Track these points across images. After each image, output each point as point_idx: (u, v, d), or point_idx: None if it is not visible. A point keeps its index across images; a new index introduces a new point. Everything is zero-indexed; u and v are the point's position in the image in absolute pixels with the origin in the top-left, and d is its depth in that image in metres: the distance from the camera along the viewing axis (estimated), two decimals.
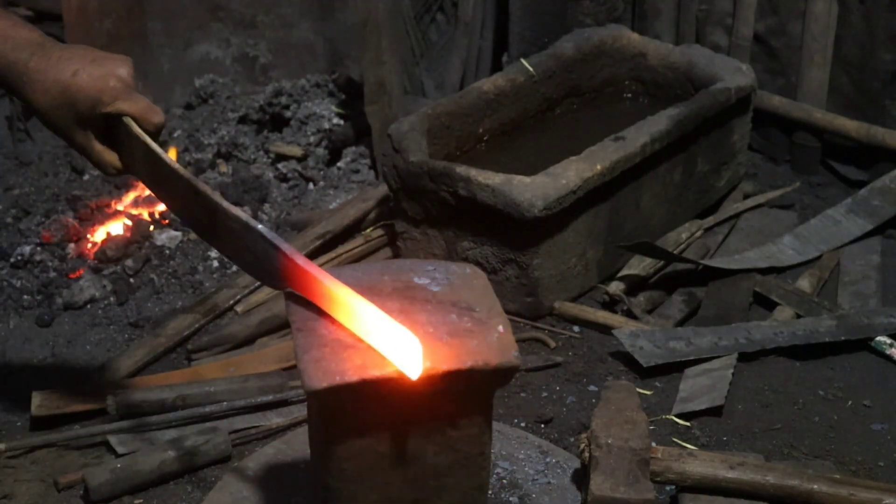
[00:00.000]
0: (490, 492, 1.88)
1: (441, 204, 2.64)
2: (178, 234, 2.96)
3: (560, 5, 3.47)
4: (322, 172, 3.30)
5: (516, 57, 3.29)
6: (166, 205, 1.95)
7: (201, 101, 3.52)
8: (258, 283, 2.71)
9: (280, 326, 2.60)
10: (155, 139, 1.82)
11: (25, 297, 2.77)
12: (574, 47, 3.13)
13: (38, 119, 1.83)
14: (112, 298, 2.76)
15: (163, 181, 1.81)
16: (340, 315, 1.59)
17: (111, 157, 1.85)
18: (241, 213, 1.70)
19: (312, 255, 2.82)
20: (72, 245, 2.92)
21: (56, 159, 3.35)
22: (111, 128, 1.83)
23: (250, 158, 3.32)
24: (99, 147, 1.84)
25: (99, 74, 1.79)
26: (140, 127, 1.81)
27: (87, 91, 1.78)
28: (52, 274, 2.83)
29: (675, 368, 2.46)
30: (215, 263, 2.89)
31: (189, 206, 1.78)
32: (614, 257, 2.78)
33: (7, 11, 1.84)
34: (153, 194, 1.90)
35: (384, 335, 1.52)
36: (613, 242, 2.75)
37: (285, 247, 1.64)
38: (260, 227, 1.66)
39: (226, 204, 1.71)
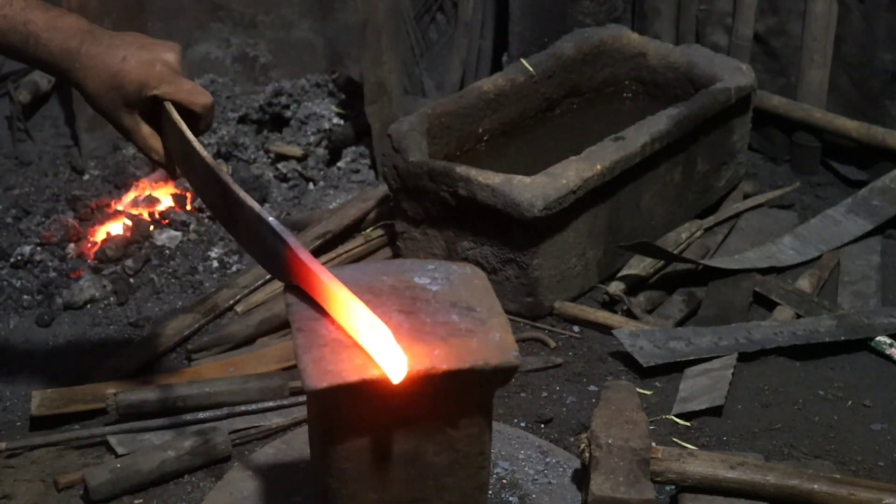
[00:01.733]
0: (490, 492, 1.88)
1: (441, 204, 2.64)
2: (178, 234, 2.96)
3: (560, 5, 3.47)
4: (322, 172, 3.30)
5: (516, 57, 3.29)
6: (196, 191, 2.01)
7: None
8: (258, 283, 2.72)
9: (280, 326, 2.60)
10: (204, 121, 1.88)
11: (25, 297, 2.77)
12: (574, 47, 3.13)
13: (89, 104, 1.89)
14: (112, 298, 2.77)
15: (193, 167, 1.85)
16: (335, 312, 1.59)
17: (156, 142, 1.91)
18: (255, 204, 1.73)
19: (312, 255, 2.82)
20: (72, 245, 2.92)
21: (56, 159, 3.35)
22: (156, 113, 1.89)
23: (250, 158, 3.32)
24: (146, 131, 1.90)
25: (147, 59, 1.85)
26: (187, 109, 1.86)
27: (135, 75, 1.84)
28: (52, 274, 2.83)
29: (675, 368, 2.46)
30: (215, 263, 2.89)
31: (212, 194, 1.83)
32: (614, 257, 2.78)
33: (47, 3, 1.89)
34: (187, 180, 1.95)
35: (372, 337, 1.52)
36: (613, 242, 2.75)
37: (291, 240, 1.66)
38: (270, 219, 1.69)
39: (242, 194, 1.75)
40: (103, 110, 1.88)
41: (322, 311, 1.63)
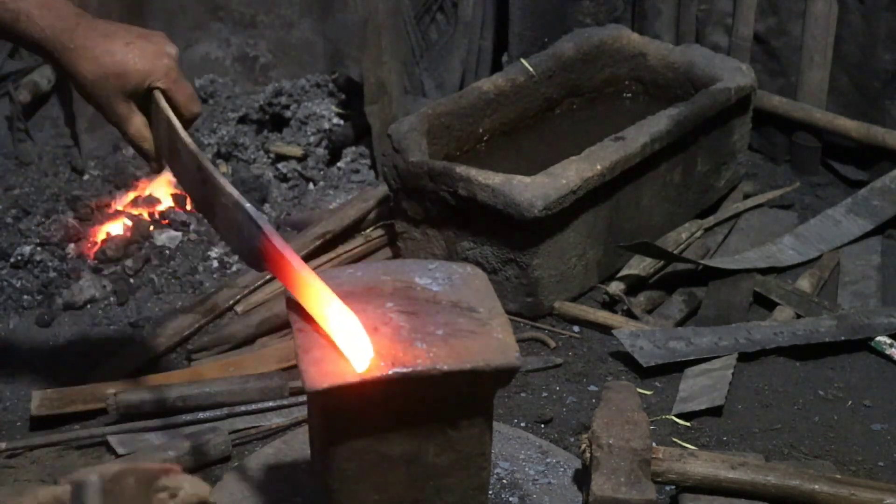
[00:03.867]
0: (490, 492, 1.88)
1: (441, 204, 2.64)
2: (178, 234, 2.96)
3: (560, 5, 3.47)
4: (322, 172, 3.30)
5: (516, 57, 3.29)
6: (177, 180, 1.99)
7: (201, 101, 3.52)
8: (258, 283, 2.72)
9: (280, 326, 2.60)
10: (186, 127, 1.87)
11: (25, 297, 2.77)
12: (574, 47, 3.13)
13: (77, 87, 1.87)
14: (112, 298, 2.76)
15: (177, 155, 1.85)
16: (305, 300, 1.59)
17: (147, 132, 1.90)
18: (234, 191, 1.72)
19: (312, 255, 2.82)
20: (72, 245, 2.92)
21: (56, 159, 3.35)
22: (147, 102, 1.88)
23: (250, 158, 3.32)
24: (139, 120, 1.88)
25: (152, 51, 1.84)
26: (177, 114, 1.86)
27: (141, 65, 1.83)
28: (52, 274, 2.83)
29: (675, 368, 2.46)
30: (215, 263, 2.89)
31: (193, 182, 1.82)
32: (614, 257, 2.78)
33: None
34: (171, 170, 1.94)
35: (340, 324, 1.53)
36: (613, 242, 2.75)
37: (266, 227, 1.65)
38: (248, 205, 1.68)
39: (222, 180, 1.74)
40: (96, 95, 1.85)
41: None
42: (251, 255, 1.70)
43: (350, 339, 1.52)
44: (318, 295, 1.57)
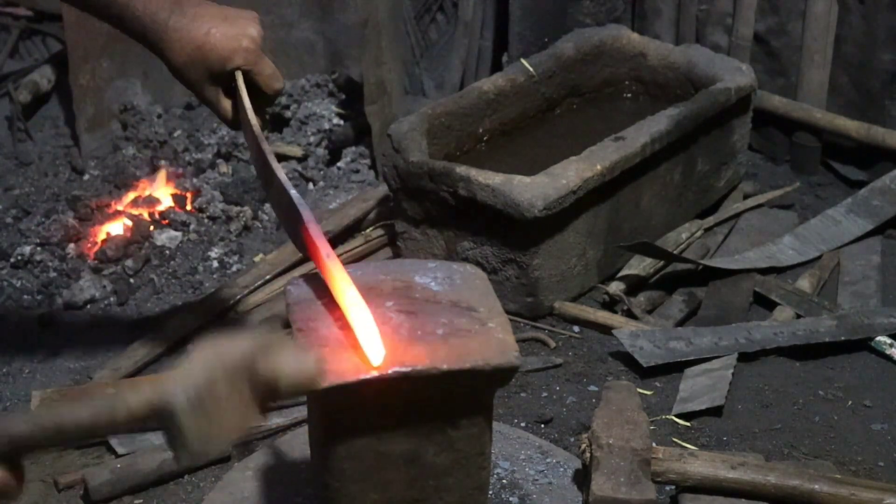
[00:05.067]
0: (490, 492, 1.88)
1: (441, 204, 2.64)
2: (178, 234, 2.96)
3: (560, 5, 3.47)
4: (322, 172, 3.30)
5: (516, 57, 3.29)
6: (249, 150, 2.09)
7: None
8: (258, 283, 2.72)
9: (280, 326, 2.59)
10: (270, 101, 1.98)
11: (25, 297, 2.77)
12: (574, 47, 3.13)
13: (174, 76, 1.93)
14: (112, 298, 2.76)
15: (248, 130, 1.92)
16: (333, 290, 1.62)
17: (234, 114, 1.96)
18: (283, 176, 1.79)
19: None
20: (72, 245, 2.92)
21: (56, 159, 3.35)
22: (233, 80, 1.95)
23: (250, 158, 3.32)
24: (226, 104, 1.95)
25: (232, 34, 1.89)
26: (260, 92, 1.93)
27: (220, 50, 1.89)
28: (52, 274, 2.83)
29: (675, 368, 2.46)
30: (215, 263, 2.89)
31: (257, 159, 1.92)
32: (614, 257, 2.78)
33: None
34: (245, 140, 2.03)
35: (357, 320, 1.55)
36: (613, 242, 2.75)
37: (306, 214, 1.70)
38: (293, 191, 1.75)
39: (275, 164, 1.82)
40: (187, 82, 1.93)
41: (322, 312, 1.63)
42: (295, 237, 1.78)
43: (364, 335, 1.53)
44: (340, 288, 1.59)
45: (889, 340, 2.54)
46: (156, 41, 1.90)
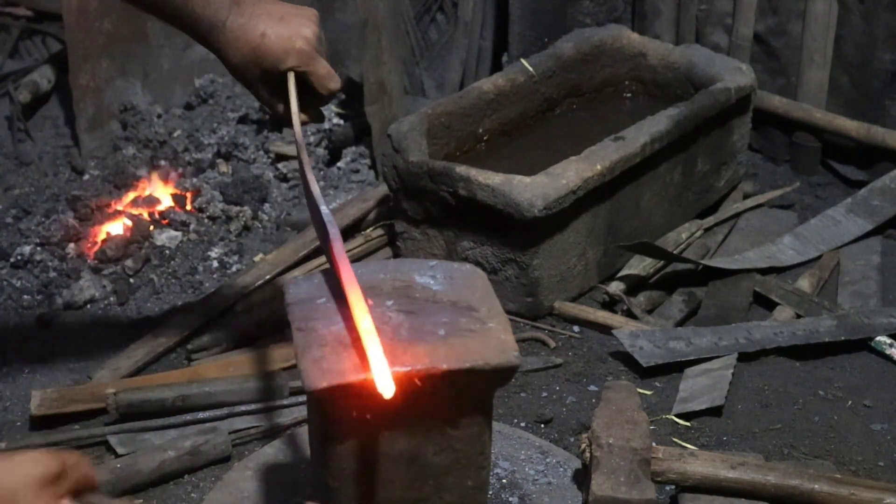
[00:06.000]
0: (490, 492, 1.88)
1: (441, 204, 2.64)
2: (178, 234, 2.96)
3: (560, 5, 3.47)
4: (322, 172, 3.30)
5: (516, 57, 3.29)
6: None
7: (201, 101, 3.52)
8: (258, 283, 2.72)
9: (280, 326, 2.59)
10: (324, 103, 1.97)
11: (25, 297, 2.77)
12: (574, 47, 3.13)
13: (232, 75, 1.94)
14: (112, 298, 2.76)
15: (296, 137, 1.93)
16: (352, 310, 1.59)
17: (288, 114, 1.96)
18: (316, 189, 1.79)
19: (312, 255, 2.82)
20: (72, 245, 2.92)
21: (56, 159, 3.35)
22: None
23: (250, 158, 3.32)
24: (280, 104, 1.95)
25: (286, 35, 1.88)
26: (314, 92, 1.92)
27: (274, 52, 1.88)
28: (52, 274, 2.83)
29: (675, 368, 2.46)
30: (215, 263, 2.89)
31: (299, 166, 1.92)
32: (614, 257, 2.78)
33: None
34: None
35: (371, 353, 1.51)
36: (613, 242, 2.75)
37: (332, 231, 1.69)
38: (324, 207, 1.74)
39: (311, 175, 1.81)
40: (243, 82, 1.94)
41: (322, 312, 1.63)
42: (324, 247, 1.79)
43: (376, 368, 1.51)
44: (356, 315, 1.56)
45: (889, 340, 2.54)
46: (214, 41, 1.90)
